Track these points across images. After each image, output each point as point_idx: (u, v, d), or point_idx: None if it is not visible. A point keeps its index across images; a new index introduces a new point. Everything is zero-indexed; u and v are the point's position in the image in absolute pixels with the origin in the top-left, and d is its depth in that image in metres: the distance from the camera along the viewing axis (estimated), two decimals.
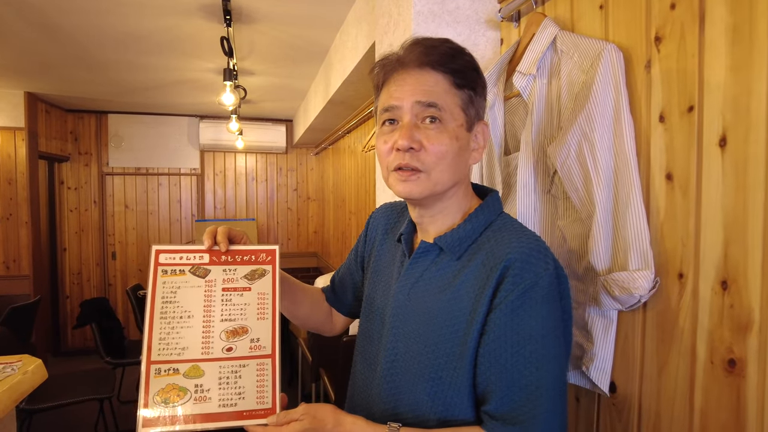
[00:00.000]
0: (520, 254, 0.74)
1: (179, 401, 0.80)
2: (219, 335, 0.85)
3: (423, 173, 0.79)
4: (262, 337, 0.85)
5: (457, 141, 0.79)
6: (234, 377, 0.82)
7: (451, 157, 0.79)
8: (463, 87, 0.80)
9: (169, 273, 0.88)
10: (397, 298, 0.87)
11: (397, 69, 0.81)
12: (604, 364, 1.05)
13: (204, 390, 0.81)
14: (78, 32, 2.81)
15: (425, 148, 0.78)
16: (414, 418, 0.81)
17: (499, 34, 1.52)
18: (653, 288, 0.95)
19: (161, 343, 0.83)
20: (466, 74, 0.80)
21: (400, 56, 0.82)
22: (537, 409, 0.71)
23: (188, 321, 0.85)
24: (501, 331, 0.73)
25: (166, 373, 0.81)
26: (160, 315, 0.85)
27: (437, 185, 0.80)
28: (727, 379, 0.83)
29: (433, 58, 0.79)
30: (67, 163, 5.06)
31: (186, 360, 0.82)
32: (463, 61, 0.81)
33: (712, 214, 0.85)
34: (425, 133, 0.78)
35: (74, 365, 4.54)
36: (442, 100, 0.78)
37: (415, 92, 0.79)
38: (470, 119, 0.81)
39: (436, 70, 0.79)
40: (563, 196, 1.14)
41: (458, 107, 0.80)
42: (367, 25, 2.22)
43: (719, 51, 0.83)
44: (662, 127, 0.95)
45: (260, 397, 0.82)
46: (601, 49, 1.02)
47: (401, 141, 0.78)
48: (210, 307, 0.86)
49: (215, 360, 0.83)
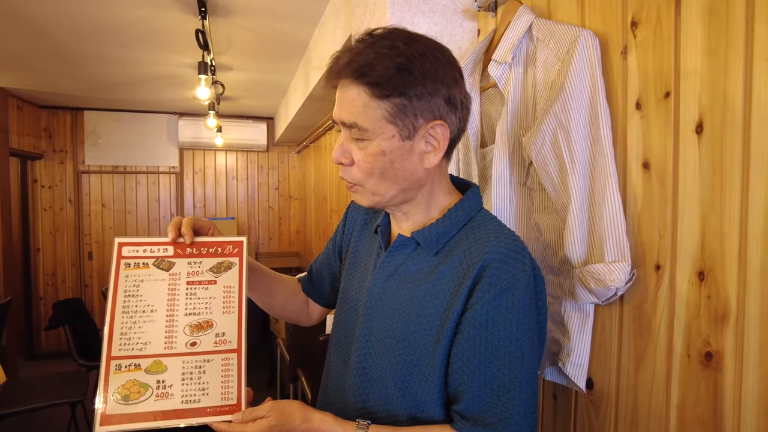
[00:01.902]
0: (498, 254, 0.72)
1: (140, 398, 0.77)
2: (183, 330, 0.82)
3: (359, 186, 0.79)
4: (227, 332, 0.83)
5: (384, 155, 0.74)
6: (198, 372, 0.80)
7: (380, 172, 0.76)
8: (387, 97, 0.72)
9: (132, 266, 0.85)
10: (371, 291, 0.85)
11: (330, 78, 0.77)
12: (580, 359, 1.02)
13: (166, 386, 0.78)
14: (51, 23, 2.72)
15: (355, 163, 0.77)
16: (384, 413, 0.80)
17: (476, 24, 1.49)
18: (630, 280, 0.92)
19: (122, 338, 0.81)
20: (391, 81, 0.71)
21: (330, 66, 0.77)
22: (508, 412, 0.70)
23: (151, 315, 0.83)
24: (475, 332, 0.72)
25: (127, 368, 0.79)
26: (122, 309, 0.82)
27: (377, 196, 0.79)
28: (704, 372, 0.80)
29: (353, 68, 0.72)
30: (41, 161, 4.92)
31: (148, 355, 0.80)
32: (384, 68, 0.71)
33: (689, 203, 0.83)
34: (354, 149, 0.77)
35: (48, 368, 4.42)
36: (362, 117, 0.73)
37: (341, 110, 0.76)
38: (406, 127, 0.73)
39: (356, 82, 0.73)
40: (539, 188, 1.12)
41: (383, 120, 0.73)
42: (345, 17, 2.18)
43: (695, 34, 0.81)
44: (639, 115, 0.93)
45: (225, 392, 0.79)
46: (577, 36, 0.99)
47: (333, 155, 0.79)
48: (174, 301, 0.84)
49: (179, 355, 0.81)
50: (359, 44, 0.75)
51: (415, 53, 0.72)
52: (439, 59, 0.74)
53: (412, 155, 0.76)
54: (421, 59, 0.72)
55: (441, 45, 0.77)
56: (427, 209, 0.82)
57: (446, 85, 0.74)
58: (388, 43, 0.73)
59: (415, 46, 0.73)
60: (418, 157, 0.77)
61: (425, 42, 0.75)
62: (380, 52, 0.72)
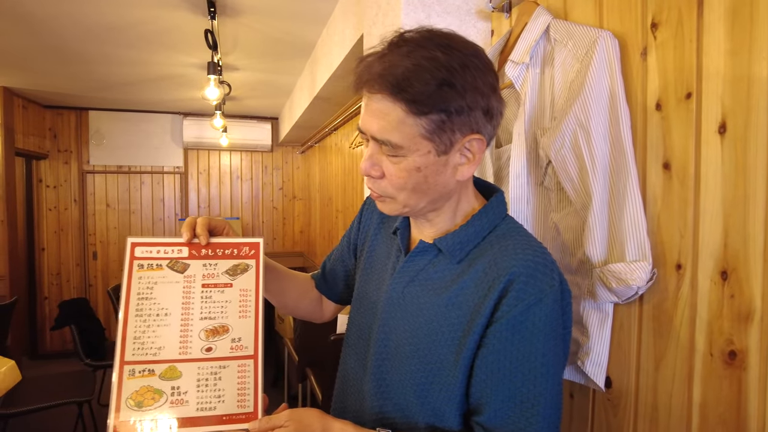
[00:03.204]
0: (526, 268, 0.71)
1: (154, 404, 0.75)
2: (198, 334, 0.80)
3: (389, 197, 0.77)
4: (243, 337, 0.81)
5: (419, 171, 0.72)
6: (213, 379, 0.78)
7: (413, 186, 0.73)
8: (426, 113, 0.68)
9: (145, 267, 0.83)
10: (390, 295, 0.83)
11: (360, 86, 0.73)
12: (599, 358, 1.03)
13: (181, 392, 0.76)
14: (56, 23, 2.73)
15: (386, 176, 0.74)
16: (402, 419, 0.79)
17: (489, 25, 1.49)
18: (651, 279, 0.93)
19: (136, 342, 0.78)
20: (431, 98, 0.67)
21: (360, 72, 0.72)
22: (532, 426, 0.70)
23: (165, 319, 0.80)
24: (501, 345, 0.71)
25: (141, 374, 0.77)
26: (135, 312, 0.80)
27: (407, 207, 0.77)
28: (727, 371, 0.81)
29: (389, 82, 0.68)
30: (46, 161, 4.93)
31: (162, 360, 0.78)
32: (423, 84, 0.66)
33: (711, 203, 0.83)
34: (386, 162, 0.73)
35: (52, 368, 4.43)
36: (396, 134, 0.69)
37: (371, 123, 0.71)
38: (443, 143, 0.70)
39: (391, 98, 0.68)
40: (557, 188, 1.12)
41: (419, 136, 0.69)
42: (354, 17, 2.18)
43: (718, 35, 0.82)
44: (659, 115, 0.93)
45: (241, 400, 0.77)
46: (596, 37, 1.00)
47: (361, 167, 0.75)
48: (189, 305, 0.82)
49: (194, 361, 0.78)
50: (392, 51, 0.70)
51: (456, 65, 0.68)
52: (479, 68, 0.70)
53: (446, 169, 0.74)
54: (462, 71, 0.68)
55: (478, 49, 0.73)
56: (452, 216, 0.81)
57: (485, 96, 0.71)
58: (427, 54, 0.67)
59: (455, 55, 0.68)
60: (452, 170, 0.74)
61: (464, 48, 0.70)
62: (419, 64, 0.67)
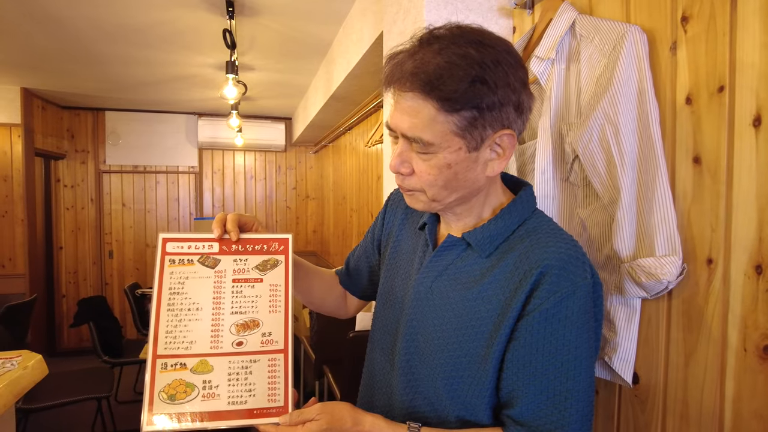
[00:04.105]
0: (558, 261, 0.71)
1: (186, 398, 0.76)
2: (229, 329, 0.81)
3: (419, 192, 0.77)
4: (274, 331, 0.82)
5: (449, 168, 0.72)
6: (244, 373, 0.79)
7: (443, 183, 0.74)
8: (458, 110, 0.68)
9: (176, 263, 0.84)
10: (417, 290, 0.84)
11: (391, 84, 0.73)
12: (627, 354, 1.02)
13: (212, 386, 0.77)
14: (75, 25, 2.77)
15: (416, 173, 0.75)
16: (432, 412, 0.79)
17: (511, 21, 1.49)
18: (681, 274, 0.92)
19: (168, 336, 0.80)
20: (465, 95, 0.67)
21: (390, 70, 0.73)
22: (564, 420, 0.70)
23: (196, 313, 0.81)
24: (533, 339, 0.71)
25: (173, 368, 0.78)
26: (167, 307, 0.81)
27: (435, 202, 0.78)
28: (762, 365, 0.80)
29: (422, 81, 0.68)
30: (64, 161, 5.00)
31: (194, 354, 0.79)
32: (456, 81, 0.67)
33: (745, 197, 0.83)
34: (416, 159, 0.74)
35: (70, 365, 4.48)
36: (427, 131, 0.70)
37: (401, 121, 0.72)
38: (474, 139, 0.71)
39: (423, 96, 0.69)
40: (583, 183, 1.12)
41: (451, 133, 0.70)
42: (373, 15, 2.19)
43: (753, 29, 0.81)
44: (689, 110, 0.93)
45: (272, 394, 0.78)
46: (624, 32, 0.99)
47: (391, 164, 0.76)
48: (219, 299, 0.83)
49: (225, 355, 0.79)
50: (423, 48, 0.70)
51: (488, 61, 0.68)
52: (511, 63, 0.70)
53: (477, 165, 0.74)
54: (494, 67, 0.68)
55: (508, 44, 0.73)
56: (480, 211, 0.81)
57: (516, 91, 0.71)
58: (459, 51, 0.68)
59: (487, 51, 0.68)
60: (482, 166, 0.75)
61: (496, 45, 0.70)
62: (451, 61, 0.67)
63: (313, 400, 0.79)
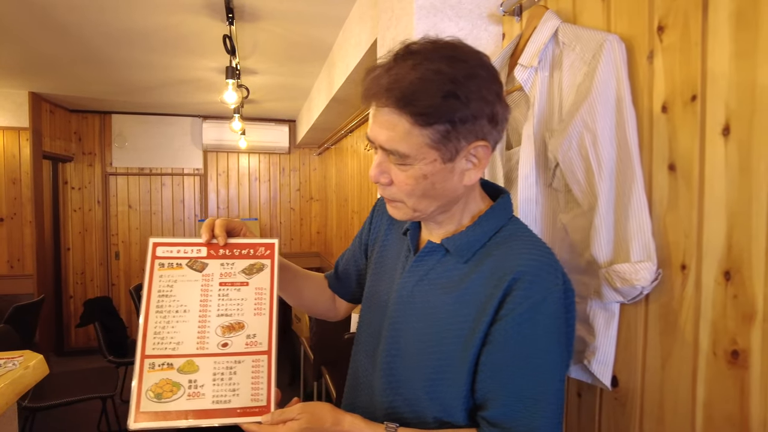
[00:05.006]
0: (531, 267, 0.73)
1: (172, 397, 0.79)
2: (215, 330, 0.84)
3: (399, 202, 0.80)
4: (258, 333, 0.84)
5: (426, 178, 0.75)
6: (229, 373, 0.81)
7: (421, 192, 0.77)
8: (432, 124, 0.71)
9: (166, 266, 0.87)
10: (400, 293, 0.86)
11: (368, 98, 0.76)
12: (605, 357, 1.04)
13: (198, 386, 0.80)
14: (81, 30, 2.82)
15: (395, 183, 0.78)
16: (411, 414, 0.81)
17: (501, 28, 1.51)
18: (655, 280, 0.94)
19: (156, 337, 0.82)
20: (438, 109, 0.70)
21: (367, 85, 0.75)
22: (535, 422, 0.72)
23: (184, 315, 0.84)
24: (506, 343, 0.73)
25: (160, 367, 0.81)
26: (155, 309, 0.84)
27: (417, 212, 0.80)
28: (731, 370, 0.82)
29: (396, 97, 0.71)
30: (71, 163, 5.08)
31: (181, 355, 0.82)
32: (429, 97, 0.69)
33: (716, 204, 0.84)
34: (394, 169, 0.77)
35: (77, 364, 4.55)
36: (403, 144, 0.72)
37: (378, 134, 0.75)
38: (449, 151, 0.73)
39: (398, 111, 0.71)
40: (565, 189, 1.14)
41: (426, 146, 0.72)
42: (371, 21, 2.22)
43: (723, 38, 0.83)
44: (665, 118, 0.94)
45: (255, 394, 0.81)
46: (603, 40, 1.01)
47: (371, 174, 0.79)
48: (206, 302, 0.86)
49: (210, 355, 0.82)
50: (398, 63, 0.72)
51: (460, 76, 0.70)
52: (484, 77, 0.72)
53: (453, 175, 0.76)
54: (466, 81, 0.70)
55: (483, 58, 0.75)
56: (460, 218, 0.84)
57: (490, 104, 0.73)
58: (432, 67, 0.70)
59: (459, 66, 0.71)
60: (459, 175, 0.77)
61: (469, 59, 0.73)
62: (424, 77, 0.69)
63: (295, 400, 0.82)
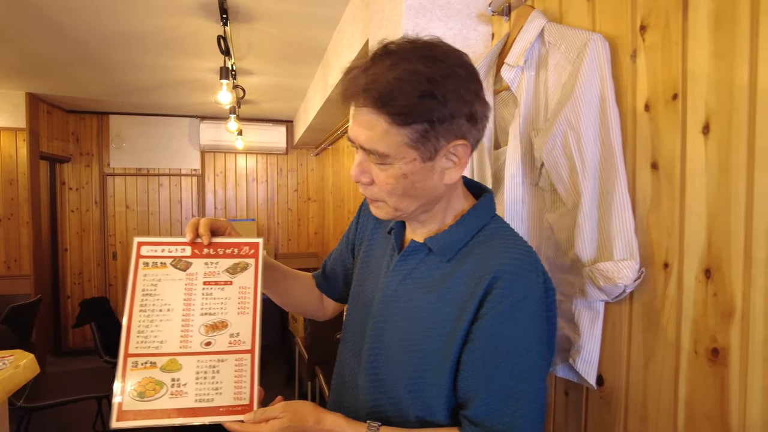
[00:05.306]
0: (511, 266, 0.74)
1: (155, 395, 0.79)
2: (198, 329, 0.84)
3: (381, 202, 0.80)
4: (242, 332, 0.85)
5: (406, 178, 0.75)
6: (212, 372, 0.81)
7: (402, 191, 0.77)
8: (410, 124, 0.71)
9: (150, 266, 0.87)
10: (384, 293, 0.86)
11: (346, 98, 0.75)
12: (590, 356, 1.04)
13: (181, 384, 0.80)
14: (77, 31, 2.83)
15: (375, 182, 0.78)
16: (395, 413, 0.82)
17: (490, 28, 1.51)
18: (638, 278, 0.94)
19: (139, 336, 0.83)
20: (414, 110, 0.70)
21: (346, 85, 0.74)
22: (516, 421, 0.72)
23: (168, 314, 0.85)
24: (486, 341, 0.73)
25: (143, 366, 0.81)
26: (139, 308, 0.84)
27: (398, 211, 0.80)
28: (711, 368, 0.82)
29: (373, 97, 0.70)
30: (69, 164, 5.08)
31: (164, 353, 0.82)
32: (405, 97, 0.69)
33: (697, 202, 0.85)
34: (375, 169, 0.77)
35: (75, 365, 4.55)
36: (382, 144, 0.72)
37: (358, 134, 0.75)
38: (428, 150, 0.73)
39: (376, 111, 0.71)
40: (551, 188, 1.14)
41: (404, 145, 0.72)
42: (363, 21, 2.22)
43: (702, 37, 0.83)
44: (647, 116, 0.94)
45: (238, 392, 0.81)
46: (587, 40, 1.01)
47: (352, 173, 0.79)
48: (190, 301, 0.86)
49: (193, 354, 0.82)
50: (376, 63, 0.72)
51: (437, 75, 0.70)
52: (461, 76, 0.73)
53: (433, 174, 0.76)
54: (443, 81, 0.70)
55: (461, 57, 0.75)
56: (443, 217, 0.84)
57: (468, 103, 0.73)
58: (409, 67, 0.70)
59: (436, 66, 0.71)
60: (439, 174, 0.77)
61: (446, 59, 0.73)
62: (401, 77, 0.69)
63: (278, 399, 0.82)
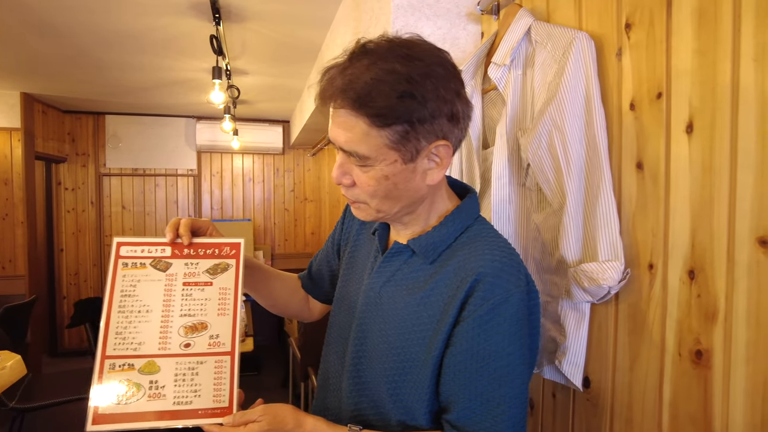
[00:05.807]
0: (492, 269, 0.72)
1: (132, 398, 0.77)
2: (177, 331, 0.83)
3: (362, 203, 0.79)
4: (221, 334, 0.83)
5: (387, 179, 0.73)
6: (191, 374, 0.80)
7: (384, 193, 0.75)
8: (389, 125, 0.69)
9: (129, 266, 0.86)
10: (367, 294, 0.85)
11: (324, 99, 0.73)
12: (576, 358, 1.03)
13: (158, 386, 0.79)
14: (71, 31, 2.81)
15: (357, 184, 0.76)
16: (376, 416, 0.81)
17: (479, 27, 1.50)
18: (623, 279, 0.93)
19: (117, 337, 0.81)
20: (392, 110, 0.68)
21: (323, 86, 0.73)
22: (498, 425, 0.71)
23: (146, 315, 0.83)
24: (468, 345, 0.72)
25: (121, 368, 0.79)
26: (117, 309, 0.83)
27: (381, 213, 0.79)
28: (695, 370, 0.81)
29: (351, 98, 0.69)
30: (65, 164, 5.06)
31: (142, 355, 0.80)
32: (384, 98, 0.67)
33: (681, 203, 0.84)
34: (356, 170, 0.75)
35: (70, 365, 4.54)
36: (361, 145, 0.71)
37: (337, 135, 0.73)
38: (409, 151, 0.72)
39: (354, 112, 0.69)
40: (537, 188, 1.13)
41: (385, 147, 0.71)
42: (354, 21, 2.21)
43: (686, 36, 0.82)
44: (633, 115, 0.94)
45: (217, 395, 0.79)
46: (573, 38, 1.01)
47: (333, 175, 0.78)
48: (169, 302, 0.84)
49: (172, 356, 0.81)
50: (353, 63, 0.70)
51: (415, 75, 0.68)
52: (441, 75, 0.71)
53: (415, 175, 0.75)
54: (422, 80, 0.69)
55: (440, 55, 0.73)
56: (426, 218, 0.82)
57: (449, 103, 0.71)
58: (387, 67, 0.68)
59: (414, 65, 0.69)
60: (421, 175, 0.76)
61: (425, 57, 0.71)
62: (378, 77, 0.68)
63: (258, 401, 0.81)
